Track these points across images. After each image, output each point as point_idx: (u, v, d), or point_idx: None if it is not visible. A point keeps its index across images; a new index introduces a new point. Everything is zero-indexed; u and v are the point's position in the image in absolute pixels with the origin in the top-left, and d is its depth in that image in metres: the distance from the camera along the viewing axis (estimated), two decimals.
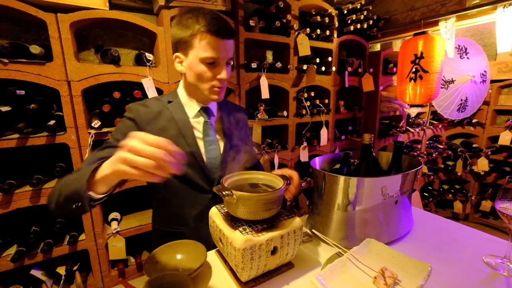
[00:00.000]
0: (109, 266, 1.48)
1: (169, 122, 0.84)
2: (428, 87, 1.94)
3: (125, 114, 0.84)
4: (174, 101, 0.88)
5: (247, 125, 1.06)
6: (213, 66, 0.79)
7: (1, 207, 1.15)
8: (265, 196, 0.63)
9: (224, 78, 0.80)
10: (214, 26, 0.75)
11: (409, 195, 0.91)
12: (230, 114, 0.98)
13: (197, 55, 0.78)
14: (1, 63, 1.07)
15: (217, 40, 0.76)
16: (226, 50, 0.79)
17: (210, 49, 0.76)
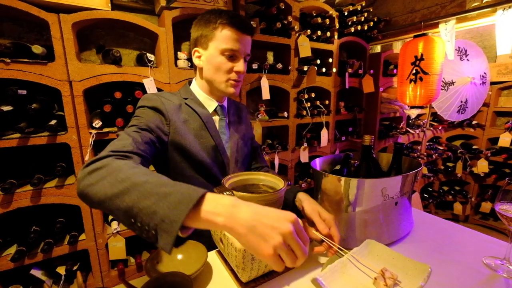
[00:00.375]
0: (109, 266, 1.48)
1: (191, 115, 0.85)
2: (428, 89, 1.94)
3: (145, 104, 0.78)
4: (189, 97, 0.88)
5: (248, 120, 1.09)
6: (231, 59, 0.81)
7: (2, 206, 1.16)
8: (266, 197, 0.63)
9: (241, 71, 0.82)
10: (236, 20, 0.78)
11: (409, 196, 0.91)
12: (235, 112, 1.00)
13: (217, 46, 0.80)
14: (3, 62, 1.07)
15: (238, 33, 0.79)
16: (245, 44, 0.81)
17: (231, 41, 0.79)
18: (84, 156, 1.27)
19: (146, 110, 0.77)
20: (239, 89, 0.88)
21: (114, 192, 0.45)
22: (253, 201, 0.63)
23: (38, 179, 1.18)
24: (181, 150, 0.81)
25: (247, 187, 0.75)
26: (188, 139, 0.81)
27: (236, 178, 0.75)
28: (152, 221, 0.40)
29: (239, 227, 0.41)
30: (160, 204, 0.41)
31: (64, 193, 1.27)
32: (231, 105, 1.01)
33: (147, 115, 0.76)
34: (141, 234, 0.42)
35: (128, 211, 0.42)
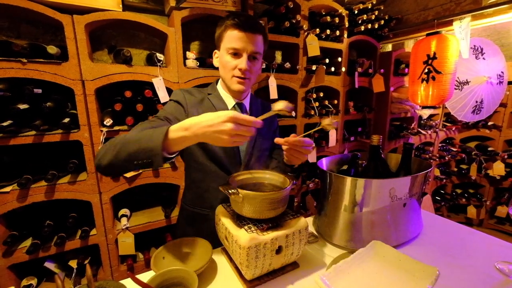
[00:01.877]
0: (118, 261, 1.52)
1: (210, 109, 0.91)
2: (440, 88, 1.89)
3: (172, 98, 0.92)
4: (213, 93, 0.96)
5: (275, 120, 1.11)
6: (236, 57, 0.86)
7: (18, 201, 1.20)
8: (271, 196, 0.64)
9: (243, 68, 0.85)
10: (238, 20, 0.83)
11: (419, 198, 0.89)
12: (258, 110, 1.03)
13: (224, 46, 0.87)
14: (20, 62, 1.12)
15: (239, 32, 0.83)
16: (248, 42, 0.84)
17: (233, 40, 0.84)
18: (95, 153, 1.30)
19: (171, 103, 0.91)
20: (247, 86, 0.91)
21: (113, 153, 0.64)
22: (258, 199, 0.63)
23: (52, 175, 1.22)
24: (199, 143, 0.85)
25: (253, 186, 0.75)
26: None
27: (242, 176, 0.76)
28: (145, 155, 0.59)
29: (198, 137, 0.59)
30: (144, 145, 0.60)
31: (77, 189, 1.31)
32: (256, 103, 1.05)
33: (169, 107, 0.89)
34: (145, 167, 0.61)
35: (128, 159, 0.62)
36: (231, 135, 0.56)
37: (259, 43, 0.87)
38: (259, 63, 0.92)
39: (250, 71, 0.87)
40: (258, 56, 0.89)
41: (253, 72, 0.90)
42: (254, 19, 0.87)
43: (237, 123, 0.56)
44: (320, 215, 0.93)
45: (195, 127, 0.58)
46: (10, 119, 1.11)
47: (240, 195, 0.63)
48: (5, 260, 1.21)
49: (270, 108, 1.10)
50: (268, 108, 1.09)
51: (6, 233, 1.24)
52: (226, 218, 0.71)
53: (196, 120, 0.58)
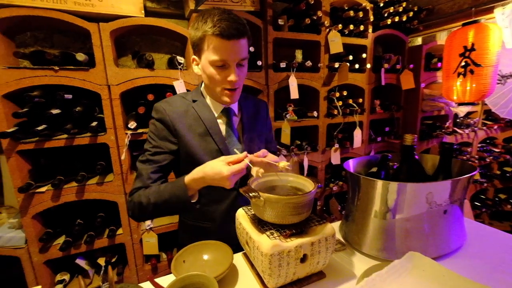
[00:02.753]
0: (143, 260, 1.56)
1: (196, 120, 0.85)
2: (480, 83, 1.72)
3: (153, 115, 0.86)
4: (198, 100, 0.89)
5: (268, 119, 1.05)
6: (223, 69, 0.78)
7: (52, 200, 1.27)
8: (294, 200, 0.60)
9: (234, 81, 0.78)
10: (219, 28, 0.72)
11: (461, 204, 0.80)
12: (249, 111, 0.96)
13: (207, 58, 0.77)
14: (53, 70, 1.18)
15: (224, 42, 0.73)
16: (234, 51, 0.75)
17: (217, 51, 0.74)
18: (121, 155, 1.35)
19: (155, 123, 0.86)
20: (236, 97, 0.85)
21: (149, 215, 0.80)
22: (280, 203, 0.60)
23: (82, 176, 1.28)
24: (187, 155, 0.84)
25: (274, 188, 0.71)
26: (192, 145, 0.83)
27: (263, 179, 0.72)
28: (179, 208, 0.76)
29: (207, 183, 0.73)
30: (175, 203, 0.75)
31: (104, 190, 1.36)
32: (247, 104, 0.97)
33: (155, 130, 0.85)
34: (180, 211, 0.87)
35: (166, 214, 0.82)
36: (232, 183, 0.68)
37: (245, 47, 0.78)
38: (246, 66, 0.83)
39: (240, 79, 0.80)
40: (245, 62, 0.81)
41: (242, 78, 0.82)
42: (236, 19, 0.74)
43: (234, 174, 0.66)
44: (348, 221, 0.86)
45: (203, 181, 0.72)
46: (44, 123, 1.18)
47: (262, 199, 0.60)
48: (41, 255, 1.29)
49: (265, 105, 1.05)
50: (262, 105, 1.03)
51: (42, 230, 1.32)
52: (247, 222, 0.68)
53: (202, 175, 0.71)
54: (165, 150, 0.83)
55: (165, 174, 0.85)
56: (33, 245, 1.25)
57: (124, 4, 1.27)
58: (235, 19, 0.75)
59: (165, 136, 0.83)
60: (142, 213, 0.79)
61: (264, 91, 1.66)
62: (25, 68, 1.14)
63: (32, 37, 1.38)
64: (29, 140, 1.18)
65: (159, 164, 0.82)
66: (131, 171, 1.45)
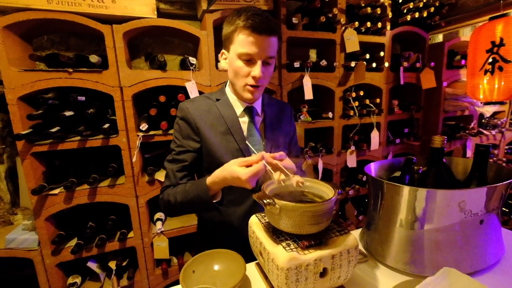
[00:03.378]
0: (154, 264, 1.54)
1: (218, 119, 0.85)
2: (510, 80, 1.60)
3: (177, 114, 0.88)
4: (222, 98, 0.89)
5: (291, 121, 1.02)
6: (249, 63, 0.77)
7: (65, 202, 1.28)
8: (313, 208, 0.54)
9: (257, 76, 0.77)
10: (252, 21, 0.72)
11: (498, 213, 0.72)
12: (273, 112, 0.94)
13: (235, 50, 0.77)
14: (67, 72, 1.19)
15: (254, 35, 0.73)
16: (263, 47, 0.75)
17: (246, 44, 0.74)
18: (132, 157, 1.33)
19: (178, 122, 0.87)
20: (258, 94, 0.84)
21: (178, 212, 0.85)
22: (298, 212, 0.54)
23: (94, 178, 1.27)
24: (208, 153, 0.84)
25: (290, 194, 0.66)
26: (213, 143, 0.84)
27: (277, 184, 0.67)
28: (202, 207, 0.78)
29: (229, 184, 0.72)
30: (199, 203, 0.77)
31: (116, 192, 1.35)
32: (270, 105, 0.96)
33: (179, 129, 0.86)
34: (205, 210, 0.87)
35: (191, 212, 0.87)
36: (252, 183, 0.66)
37: (274, 46, 0.78)
38: (273, 67, 0.83)
39: (264, 77, 0.79)
40: (272, 61, 0.81)
41: (266, 77, 0.81)
42: (269, 18, 0.76)
43: (252, 176, 0.64)
44: (370, 230, 0.80)
45: (224, 183, 0.72)
46: (58, 125, 1.19)
47: (277, 206, 0.55)
48: (54, 258, 1.29)
49: (289, 109, 1.03)
50: (287, 109, 1.01)
51: (55, 232, 1.33)
52: (261, 231, 0.63)
53: (223, 178, 0.71)
54: (189, 149, 0.84)
55: (191, 172, 0.87)
56: (46, 248, 1.26)
57: (137, 6, 1.27)
58: (268, 17, 0.76)
59: (188, 134, 0.85)
60: (172, 210, 0.82)
61: (277, 91, 1.61)
62: (40, 70, 1.15)
63: (48, 41, 1.40)
64: (43, 142, 1.19)
65: (184, 163, 0.84)
66: (142, 173, 1.44)
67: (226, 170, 0.69)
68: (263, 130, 0.91)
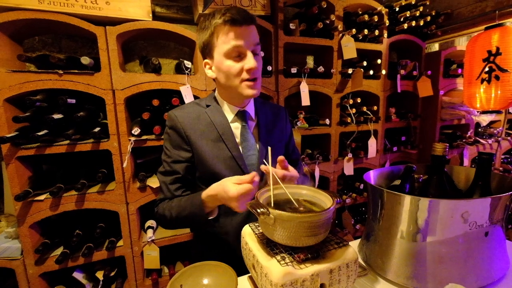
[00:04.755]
0: (143, 274, 1.47)
1: (209, 126, 0.83)
2: (507, 89, 1.60)
3: (167, 124, 0.85)
4: (212, 104, 0.86)
5: (287, 124, 0.98)
6: (239, 59, 0.74)
7: (51, 209, 1.22)
8: (310, 218, 0.51)
9: (253, 67, 0.73)
10: (230, 14, 0.71)
11: (503, 225, 0.68)
12: (267, 116, 0.91)
13: (220, 52, 0.74)
14: (57, 74, 1.15)
15: (235, 28, 0.71)
16: (248, 36, 0.73)
17: (231, 39, 0.72)
18: (123, 162, 1.29)
19: (168, 132, 0.84)
20: (258, 87, 0.80)
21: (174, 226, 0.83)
22: (293, 222, 0.51)
23: (82, 184, 1.22)
24: (200, 162, 0.82)
25: (285, 203, 0.63)
26: (205, 152, 0.81)
27: (273, 192, 0.64)
28: (198, 223, 0.76)
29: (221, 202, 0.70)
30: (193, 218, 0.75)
31: (105, 199, 1.30)
32: (264, 108, 0.93)
33: (169, 139, 0.84)
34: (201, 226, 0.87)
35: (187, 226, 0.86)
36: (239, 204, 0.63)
37: (256, 34, 0.76)
38: (261, 57, 0.81)
39: (258, 68, 0.76)
40: (259, 49, 0.78)
41: (260, 68, 0.79)
42: (239, 8, 0.74)
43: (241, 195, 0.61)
44: (369, 241, 0.76)
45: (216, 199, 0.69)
46: (46, 128, 1.14)
47: (272, 216, 0.51)
48: (37, 268, 1.22)
49: (284, 111, 0.99)
50: (282, 112, 0.98)
51: (40, 241, 1.26)
52: (254, 242, 0.59)
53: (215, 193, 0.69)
54: (180, 159, 0.81)
55: (185, 183, 0.84)
56: (29, 257, 1.19)
57: (132, 8, 1.25)
58: (240, 8, 0.74)
59: (178, 144, 0.82)
60: (168, 225, 0.81)
61: (274, 97, 1.59)
62: (28, 71, 1.12)
63: (40, 42, 1.37)
64: (30, 146, 1.14)
65: (176, 175, 0.81)
66: (134, 179, 1.39)
67: (220, 185, 0.67)
68: (257, 134, 0.88)
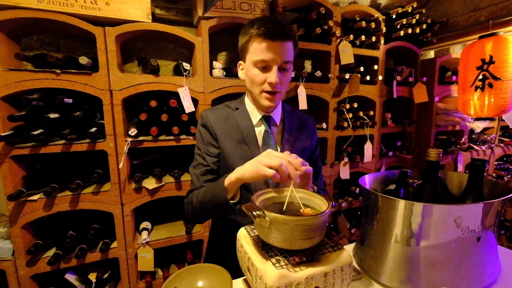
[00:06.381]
0: (137, 277, 1.45)
1: (234, 128, 0.87)
2: (500, 97, 1.63)
3: (199, 121, 0.91)
4: (240, 108, 0.91)
5: (313, 135, 0.99)
6: (265, 70, 0.78)
7: (45, 209, 1.20)
8: (305, 221, 0.51)
9: (273, 82, 0.77)
10: (264, 28, 0.74)
11: (495, 230, 0.70)
12: (293, 124, 0.93)
13: (250, 59, 0.79)
14: (54, 73, 1.15)
15: (267, 42, 0.75)
16: (277, 52, 0.75)
17: (260, 51, 0.76)
18: (119, 163, 1.28)
19: (199, 129, 0.90)
20: (278, 100, 0.85)
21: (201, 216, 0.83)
22: (289, 225, 0.51)
23: (77, 184, 1.21)
24: (224, 160, 0.86)
25: (281, 206, 0.63)
26: (228, 151, 0.85)
27: (268, 195, 0.64)
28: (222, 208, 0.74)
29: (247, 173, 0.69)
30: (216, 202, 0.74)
31: (100, 200, 1.29)
32: (291, 116, 0.95)
33: (200, 136, 0.89)
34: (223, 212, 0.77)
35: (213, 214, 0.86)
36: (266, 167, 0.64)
37: (289, 51, 0.78)
38: (290, 73, 0.84)
39: (281, 83, 0.80)
40: (289, 66, 0.81)
41: (284, 84, 0.82)
42: (282, 23, 0.77)
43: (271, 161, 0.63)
44: (363, 245, 0.76)
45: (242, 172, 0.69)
46: (41, 128, 1.13)
47: (267, 219, 0.51)
48: (29, 269, 1.20)
49: (312, 122, 1.00)
50: (310, 122, 0.99)
51: (32, 241, 1.24)
52: (249, 245, 0.59)
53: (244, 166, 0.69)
54: (210, 154, 0.87)
55: (214, 175, 0.87)
56: (21, 258, 1.18)
57: (132, 9, 1.25)
58: (281, 22, 0.77)
59: (208, 141, 0.87)
60: (193, 213, 0.82)
61: None
62: (25, 70, 1.11)
63: (38, 41, 1.37)
64: (24, 145, 1.13)
65: (207, 167, 0.86)
66: (129, 180, 1.38)
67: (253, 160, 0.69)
68: (280, 141, 0.90)
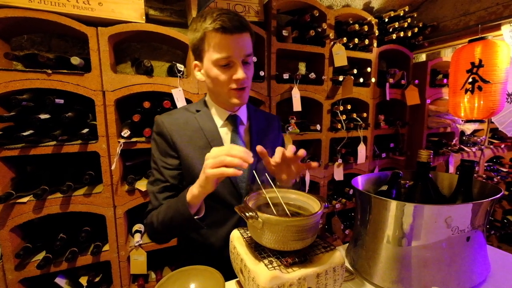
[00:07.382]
0: (129, 280, 1.43)
1: (196, 132, 0.80)
2: (489, 100, 1.67)
3: (154, 129, 0.82)
4: (202, 110, 0.84)
5: (280, 134, 0.97)
6: (228, 68, 0.71)
7: (34, 212, 1.18)
8: (298, 222, 0.51)
9: (241, 78, 0.71)
10: (220, 21, 0.66)
11: (484, 230, 0.71)
12: (260, 123, 0.90)
13: (210, 58, 0.71)
14: (46, 73, 1.13)
15: (226, 36, 0.67)
16: (239, 46, 0.69)
17: (221, 48, 0.68)
18: (111, 164, 1.27)
19: (155, 138, 0.81)
20: (246, 96, 0.78)
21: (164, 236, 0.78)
22: (281, 226, 0.51)
23: (68, 186, 1.19)
24: (187, 170, 0.78)
25: (274, 207, 0.63)
26: (192, 159, 0.77)
27: (262, 196, 0.64)
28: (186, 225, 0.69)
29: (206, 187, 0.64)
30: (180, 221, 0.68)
31: (92, 202, 1.27)
32: (257, 115, 0.91)
33: (156, 146, 0.81)
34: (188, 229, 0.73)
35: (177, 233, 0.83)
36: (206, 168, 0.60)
37: (249, 43, 0.73)
38: (253, 65, 0.78)
39: (247, 78, 0.74)
40: (251, 59, 0.75)
41: (249, 77, 0.76)
42: (236, 14, 0.70)
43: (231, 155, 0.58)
44: (356, 246, 0.77)
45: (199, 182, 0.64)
46: (32, 128, 1.11)
47: (260, 220, 0.51)
48: (17, 273, 1.17)
49: (277, 120, 0.98)
50: (275, 121, 0.96)
51: (21, 245, 1.22)
52: (242, 246, 0.59)
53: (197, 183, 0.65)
54: (168, 167, 0.78)
55: (174, 192, 0.79)
56: (9, 262, 1.15)
57: (125, 10, 1.24)
58: (235, 14, 0.70)
59: (165, 150, 0.78)
60: (155, 234, 0.76)
61: (266, 102, 1.60)
62: (15, 70, 1.09)
63: (29, 40, 1.34)
64: (14, 146, 1.10)
65: (164, 183, 0.78)
66: (122, 182, 1.36)
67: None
68: (248, 141, 0.85)
